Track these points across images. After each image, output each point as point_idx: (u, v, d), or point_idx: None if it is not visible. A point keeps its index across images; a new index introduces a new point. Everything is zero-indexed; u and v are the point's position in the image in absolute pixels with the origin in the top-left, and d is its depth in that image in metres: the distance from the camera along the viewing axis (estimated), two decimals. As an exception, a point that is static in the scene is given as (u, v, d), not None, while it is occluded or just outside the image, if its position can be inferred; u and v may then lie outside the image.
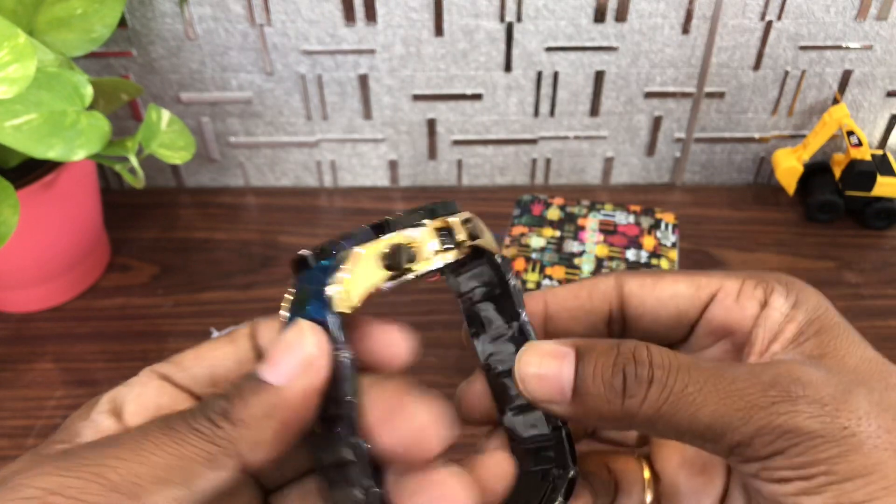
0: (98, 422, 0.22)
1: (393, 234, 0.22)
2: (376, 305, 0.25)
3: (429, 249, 0.22)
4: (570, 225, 0.59)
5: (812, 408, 0.20)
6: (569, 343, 0.22)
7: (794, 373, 0.21)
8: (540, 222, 0.59)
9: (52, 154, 0.50)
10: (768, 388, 0.21)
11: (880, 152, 0.72)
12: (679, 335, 0.26)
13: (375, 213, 0.82)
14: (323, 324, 0.22)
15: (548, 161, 0.77)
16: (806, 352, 0.22)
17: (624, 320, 0.26)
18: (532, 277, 0.55)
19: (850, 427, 0.20)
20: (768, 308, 0.24)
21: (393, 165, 0.77)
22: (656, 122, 0.75)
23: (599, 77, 0.71)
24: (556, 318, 0.25)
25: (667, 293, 0.25)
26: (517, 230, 0.59)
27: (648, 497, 0.27)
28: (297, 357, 0.21)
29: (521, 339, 0.25)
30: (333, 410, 0.22)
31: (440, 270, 0.23)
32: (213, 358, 0.24)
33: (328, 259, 0.22)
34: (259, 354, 0.25)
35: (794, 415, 0.20)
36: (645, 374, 0.21)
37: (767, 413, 0.20)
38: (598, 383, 0.22)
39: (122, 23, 0.67)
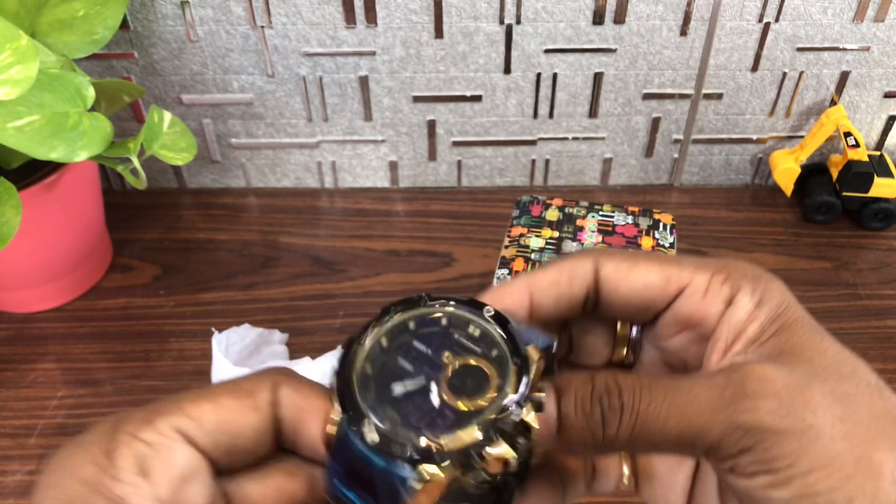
0: (137, 484, 0.22)
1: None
2: (378, 306, 0.25)
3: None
4: (568, 225, 0.59)
5: (770, 402, 0.21)
6: (547, 384, 0.24)
7: (750, 371, 0.22)
8: (539, 223, 0.60)
9: (54, 155, 0.50)
10: (725, 388, 0.22)
11: (877, 153, 0.73)
12: (647, 318, 0.27)
13: (376, 214, 0.82)
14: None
15: (547, 162, 0.78)
16: (765, 351, 0.24)
17: (598, 299, 0.27)
18: (531, 278, 0.55)
19: (807, 420, 0.21)
20: (733, 307, 0.25)
21: (393, 166, 0.78)
22: (654, 124, 0.75)
23: (598, 79, 0.72)
24: (539, 305, 0.27)
25: (639, 283, 0.26)
26: (516, 231, 0.60)
27: (626, 475, 0.28)
28: None
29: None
30: None
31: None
32: (234, 423, 0.24)
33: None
34: (277, 427, 0.24)
35: (753, 412, 0.21)
36: (616, 402, 0.23)
37: (728, 413, 0.21)
38: (580, 417, 0.23)
39: (124, 24, 0.67)
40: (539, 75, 0.71)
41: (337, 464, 0.23)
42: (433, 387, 0.23)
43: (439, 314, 0.24)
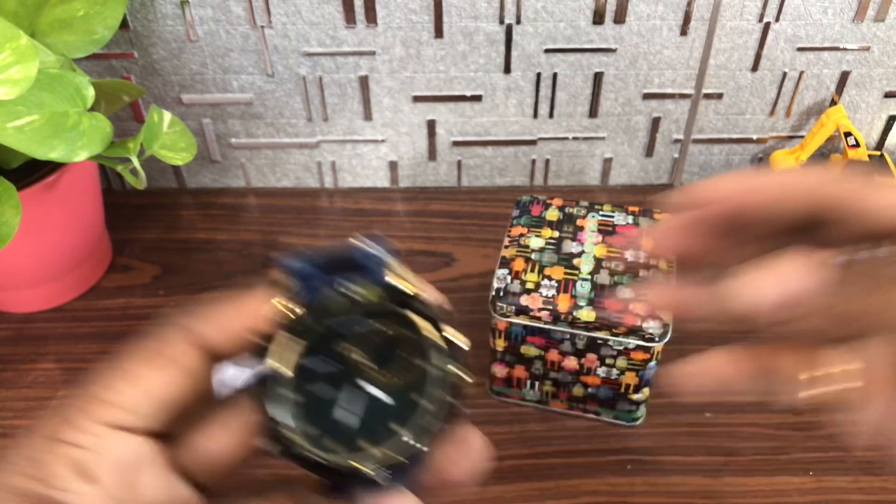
0: (82, 491, 0.20)
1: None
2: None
3: None
4: (569, 225, 0.59)
5: None
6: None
7: None
8: (539, 223, 0.60)
9: (53, 155, 0.50)
10: None
11: (878, 153, 0.73)
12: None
13: (376, 214, 0.82)
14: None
15: (547, 162, 0.78)
16: None
17: (820, 222, 0.24)
18: (531, 278, 0.55)
19: None
20: None
21: (393, 166, 0.78)
22: (655, 124, 0.75)
23: (598, 78, 0.72)
24: (751, 203, 0.24)
25: (888, 202, 0.23)
26: (516, 231, 0.59)
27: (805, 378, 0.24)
28: None
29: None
30: None
31: None
32: (161, 391, 0.22)
33: None
34: (214, 356, 0.23)
35: None
36: None
37: None
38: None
39: (124, 24, 0.67)
40: (539, 75, 0.71)
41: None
42: (368, 386, 0.22)
43: (309, 321, 0.23)
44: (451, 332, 0.22)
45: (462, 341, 0.22)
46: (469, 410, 0.22)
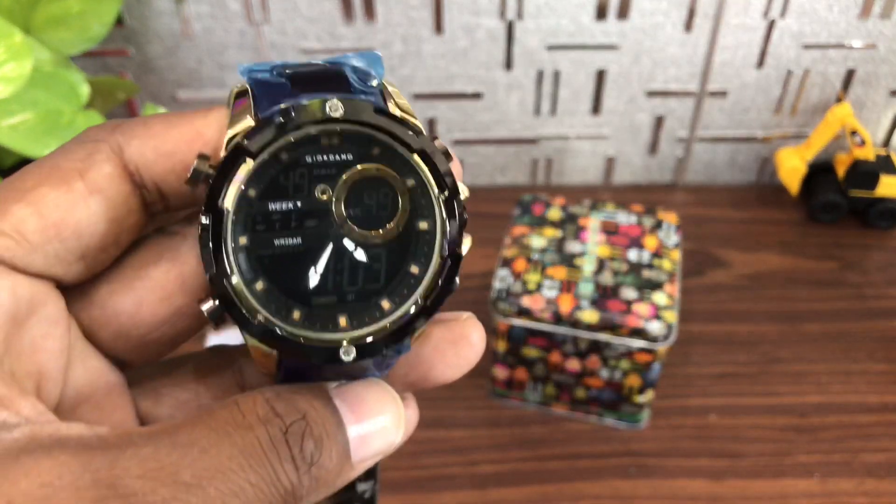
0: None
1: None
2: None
3: None
4: (571, 225, 0.58)
5: None
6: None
7: None
8: (541, 222, 0.59)
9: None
10: None
11: (884, 152, 0.72)
12: None
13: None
14: None
15: (549, 160, 0.77)
16: None
17: None
18: (532, 278, 0.54)
19: None
20: None
21: (393, 165, 0.77)
22: (658, 122, 0.74)
23: (601, 75, 0.71)
24: None
25: None
26: (518, 230, 0.59)
27: None
28: (383, 444, 0.18)
29: None
30: None
31: None
32: (70, 220, 0.16)
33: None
34: (144, 185, 0.18)
35: None
36: None
37: None
38: None
39: (119, 21, 0.66)
40: (541, 72, 0.70)
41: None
42: (345, 242, 0.18)
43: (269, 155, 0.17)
44: (457, 185, 0.18)
45: (465, 195, 0.18)
46: (457, 285, 0.18)
